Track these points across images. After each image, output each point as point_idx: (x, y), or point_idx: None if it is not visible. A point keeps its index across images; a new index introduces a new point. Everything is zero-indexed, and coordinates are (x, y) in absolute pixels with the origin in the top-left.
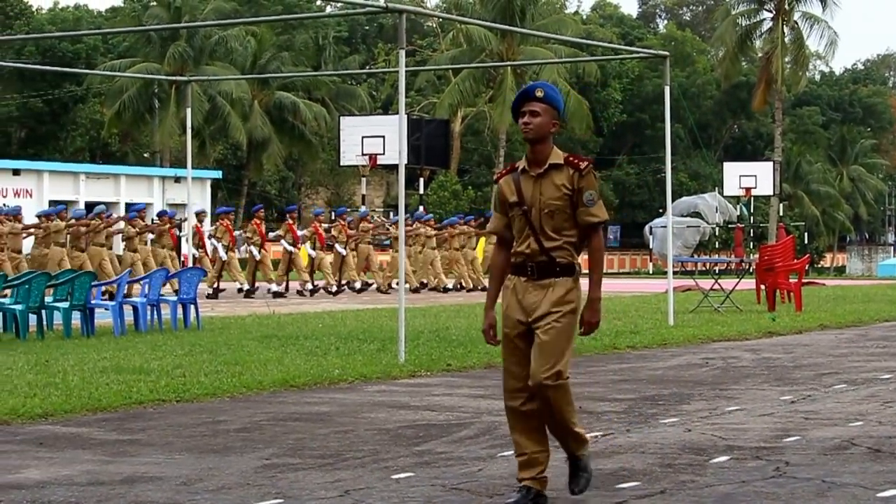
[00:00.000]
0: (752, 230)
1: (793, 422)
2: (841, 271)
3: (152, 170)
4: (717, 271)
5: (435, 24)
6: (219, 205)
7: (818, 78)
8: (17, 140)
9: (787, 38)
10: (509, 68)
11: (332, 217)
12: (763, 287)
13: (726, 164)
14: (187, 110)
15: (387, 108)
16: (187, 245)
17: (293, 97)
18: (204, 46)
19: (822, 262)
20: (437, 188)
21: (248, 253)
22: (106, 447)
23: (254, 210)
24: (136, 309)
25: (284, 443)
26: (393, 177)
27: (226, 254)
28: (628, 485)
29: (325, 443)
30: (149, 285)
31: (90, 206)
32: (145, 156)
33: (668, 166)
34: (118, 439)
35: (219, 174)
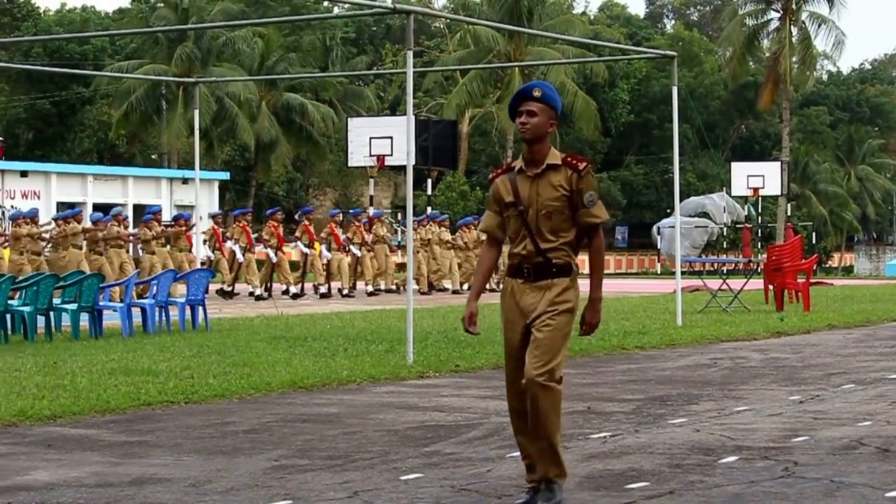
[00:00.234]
0: (759, 230)
1: (801, 422)
2: (849, 271)
3: (160, 171)
4: (725, 271)
5: (442, 25)
6: (226, 206)
7: (825, 78)
8: (24, 141)
9: (794, 38)
10: (517, 69)
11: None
12: (771, 287)
13: (734, 164)
14: (195, 111)
15: (394, 108)
16: (204, 248)
17: (301, 98)
18: (211, 48)
19: (830, 261)
20: (445, 189)
21: (265, 255)
22: (114, 449)
23: (270, 212)
24: (144, 310)
25: (293, 444)
26: (401, 178)
27: (243, 255)
28: (637, 485)
29: (333, 444)
30: (157, 287)
31: (98, 207)
32: (153, 157)
33: (675, 166)
34: (127, 441)
35: (227, 175)
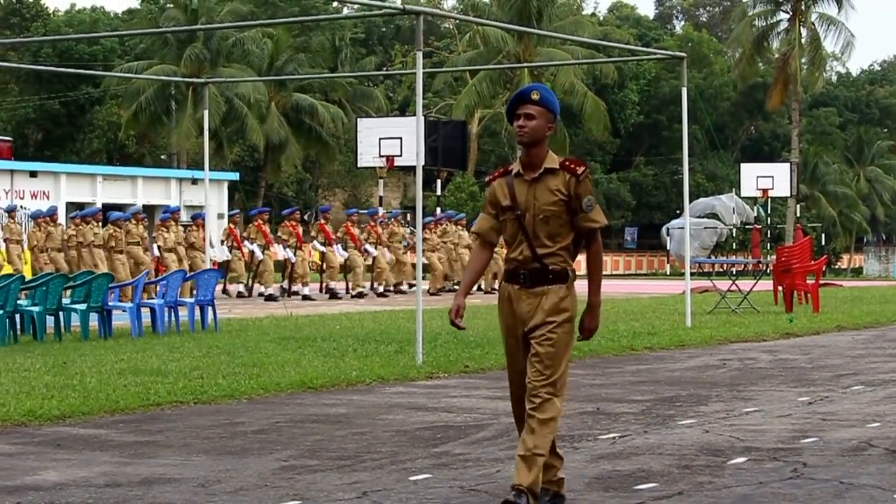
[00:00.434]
0: (769, 231)
1: (810, 423)
2: (858, 272)
3: (169, 171)
4: (734, 272)
5: (452, 26)
6: (235, 206)
7: (835, 79)
8: (34, 142)
9: (803, 39)
10: (526, 70)
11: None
12: (780, 288)
13: (743, 166)
14: (204, 112)
15: (404, 109)
16: (219, 249)
17: (311, 99)
18: (221, 48)
19: (839, 263)
20: (455, 189)
21: (284, 256)
22: (124, 449)
23: (288, 213)
24: (153, 311)
25: (302, 444)
26: (410, 178)
27: (262, 253)
28: (646, 486)
29: (342, 444)
30: (166, 287)
31: (107, 207)
32: (162, 157)
33: (685, 167)
34: (136, 441)
35: (236, 176)
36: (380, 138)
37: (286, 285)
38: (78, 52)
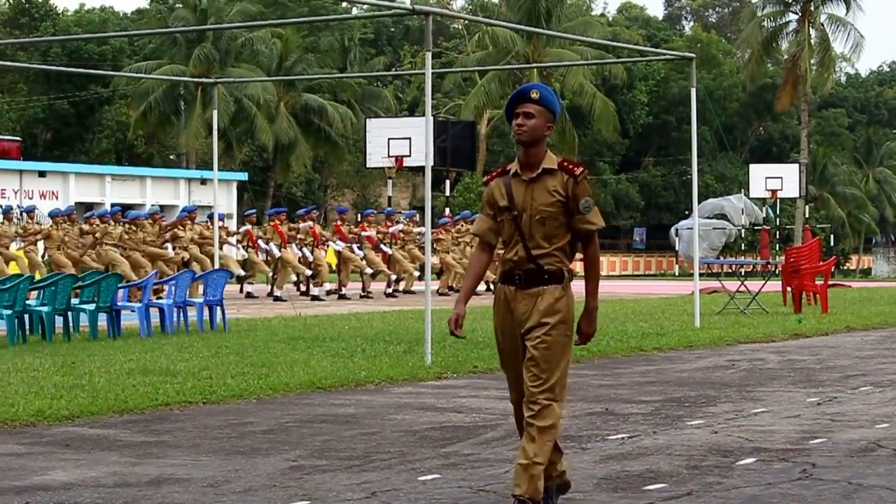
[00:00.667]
0: (777, 232)
1: (819, 424)
2: (867, 273)
3: (178, 171)
4: (743, 273)
5: (461, 26)
6: (244, 207)
7: (844, 80)
8: (43, 142)
9: (812, 40)
10: (535, 70)
11: (358, 219)
12: (789, 289)
13: (752, 166)
14: (213, 112)
15: (413, 109)
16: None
17: (320, 99)
18: (230, 48)
19: (848, 264)
20: (464, 190)
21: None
22: (132, 449)
23: (305, 212)
24: (162, 311)
25: (311, 444)
26: (419, 178)
27: (280, 251)
28: (655, 486)
29: (351, 444)
30: (175, 287)
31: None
32: (171, 158)
33: (694, 168)
34: (145, 441)
35: (245, 176)
36: (389, 138)
37: (303, 286)
38: (87, 51)
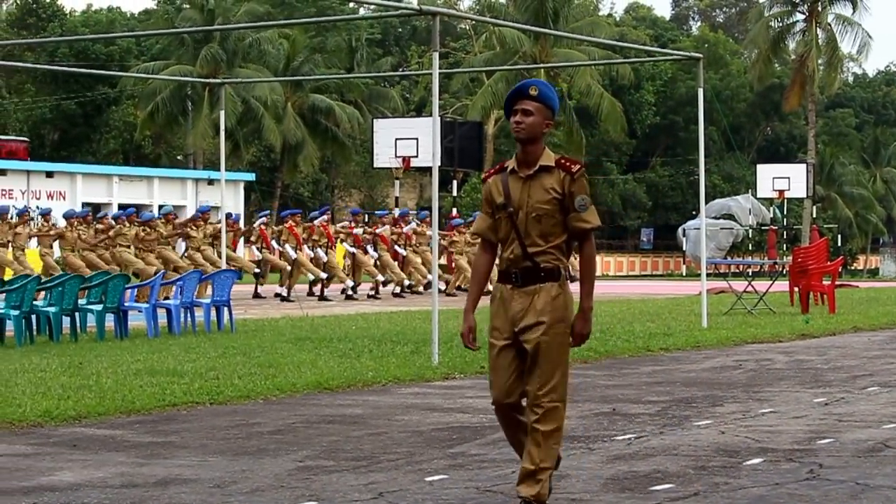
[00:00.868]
0: (785, 232)
1: (826, 424)
2: (874, 273)
3: (185, 172)
4: (750, 273)
5: (468, 27)
6: (252, 207)
7: (851, 80)
8: (50, 142)
9: (820, 40)
10: (542, 70)
11: (366, 220)
12: (796, 289)
13: (759, 167)
14: (220, 112)
15: (420, 110)
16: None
17: (328, 100)
18: (237, 49)
19: (856, 264)
20: (471, 190)
21: (316, 256)
22: (139, 449)
23: (321, 212)
24: (169, 311)
25: (318, 445)
26: (426, 179)
27: (295, 253)
28: (662, 487)
29: (358, 445)
30: (182, 288)
31: (123, 208)
32: (178, 158)
33: (701, 168)
34: (152, 441)
35: (252, 176)
36: (396, 139)
37: (317, 290)
38: (94, 52)
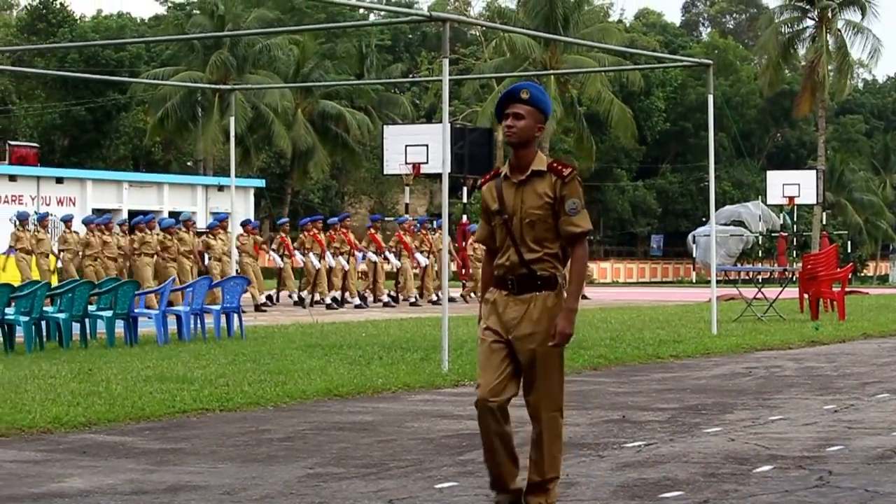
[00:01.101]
0: (795, 239)
1: (836, 431)
2: (884, 280)
3: (195, 178)
4: (760, 280)
5: (478, 33)
6: (262, 214)
7: (861, 86)
8: (60, 148)
9: (830, 46)
10: (553, 77)
11: (374, 224)
12: (806, 296)
13: (769, 173)
14: (231, 118)
15: (430, 116)
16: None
17: (338, 106)
18: (247, 55)
19: (866, 270)
20: (481, 197)
21: (338, 264)
22: (149, 456)
23: (340, 219)
24: (179, 318)
25: (328, 452)
26: (436, 186)
27: (319, 261)
28: (672, 494)
29: (368, 452)
30: (192, 294)
31: (133, 214)
32: (188, 164)
33: (711, 175)
34: (161, 448)
35: (262, 183)
36: (406, 145)
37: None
38: (104, 58)
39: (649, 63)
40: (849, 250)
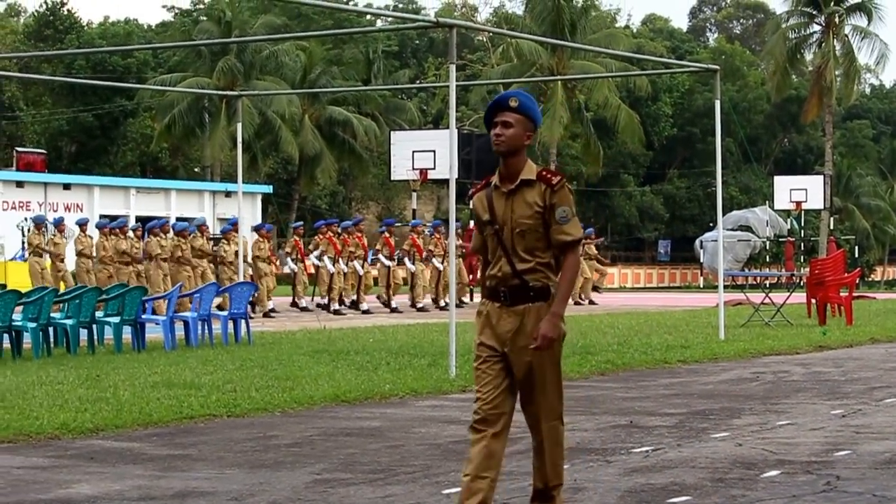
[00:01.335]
0: (802, 244)
1: (843, 436)
2: (891, 285)
3: (203, 184)
4: (767, 285)
5: (485, 39)
6: (269, 219)
7: (868, 91)
8: (67, 154)
9: (837, 52)
10: (560, 82)
11: (382, 229)
12: (814, 301)
13: (777, 178)
14: (238, 125)
15: (437, 122)
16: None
17: (345, 112)
18: (254, 61)
19: (873, 275)
20: None
21: (352, 268)
22: (157, 462)
23: (355, 223)
24: (186, 324)
25: (335, 458)
26: (444, 191)
27: (333, 266)
28: (679, 499)
29: (376, 458)
30: (199, 300)
31: (140, 220)
32: (196, 170)
33: (718, 180)
34: (169, 454)
35: (269, 189)
36: (413, 151)
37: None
38: (112, 64)
39: (656, 69)
40: (856, 255)
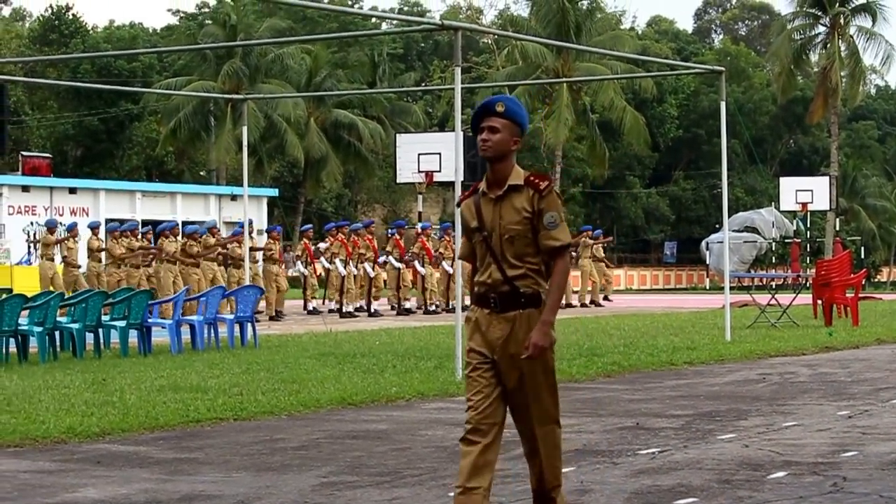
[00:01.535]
0: (808, 245)
1: (850, 437)
2: None
3: (208, 188)
4: (773, 286)
5: (490, 41)
6: (275, 222)
7: (874, 92)
8: (73, 158)
9: (842, 53)
10: (565, 84)
11: (391, 231)
12: (820, 302)
13: (782, 179)
14: (243, 128)
15: (443, 125)
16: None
17: (351, 115)
18: (259, 64)
19: (879, 276)
20: None
21: (362, 270)
22: (163, 466)
23: (365, 225)
24: (193, 327)
25: (342, 460)
26: (449, 194)
27: (345, 268)
28: (686, 500)
29: (382, 460)
30: (205, 304)
31: (146, 224)
32: (201, 174)
33: (724, 181)
34: (176, 458)
35: (275, 192)
36: (419, 154)
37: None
38: (117, 68)
39: (662, 70)
40: (862, 256)
